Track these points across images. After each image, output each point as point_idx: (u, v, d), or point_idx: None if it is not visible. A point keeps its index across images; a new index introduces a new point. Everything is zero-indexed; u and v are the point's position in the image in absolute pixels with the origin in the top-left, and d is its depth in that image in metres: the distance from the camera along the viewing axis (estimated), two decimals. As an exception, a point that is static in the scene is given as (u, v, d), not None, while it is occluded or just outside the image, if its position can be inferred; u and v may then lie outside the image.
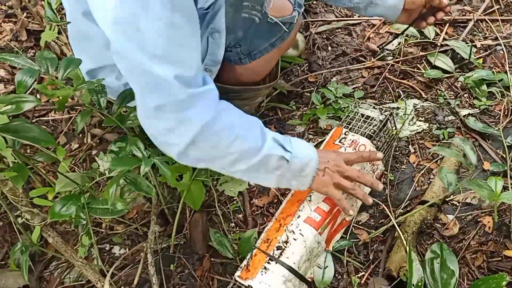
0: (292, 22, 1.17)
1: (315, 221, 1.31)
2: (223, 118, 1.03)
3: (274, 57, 1.27)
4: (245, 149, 1.08)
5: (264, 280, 1.22)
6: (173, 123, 0.99)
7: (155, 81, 0.94)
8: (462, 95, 1.73)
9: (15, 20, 2.05)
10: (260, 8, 1.11)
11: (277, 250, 1.27)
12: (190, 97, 0.96)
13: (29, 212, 1.16)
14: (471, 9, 1.98)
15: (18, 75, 1.09)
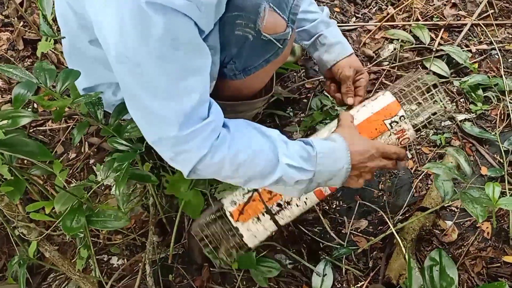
0: (286, 38, 1.17)
1: (323, 194, 1.29)
2: (225, 148, 1.04)
3: (269, 72, 1.27)
4: (252, 175, 1.09)
5: (253, 230, 1.26)
6: (172, 154, 1.03)
7: (154, 117, 0.98)
8: (458, 100, 1.74)
9: (12, 29, 2.04)
10: (254, 25, 1.10)
11: (276, 206, 1.27)
12: (185, 134, 0.99)
13: (25, 227, 1.15)
14: (465, 14, 1.98)
15: (15, 90, 1.09)
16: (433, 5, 2.04)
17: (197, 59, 0.99)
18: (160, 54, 0.92)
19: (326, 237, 1.47)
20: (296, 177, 1.10)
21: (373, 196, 1.54)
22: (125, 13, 0.88)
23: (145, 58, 0.92)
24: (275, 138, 1.11)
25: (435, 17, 1.99)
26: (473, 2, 2.02)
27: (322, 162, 1.12)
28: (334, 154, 1.14)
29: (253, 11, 1.10)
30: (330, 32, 1.46)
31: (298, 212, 1.30)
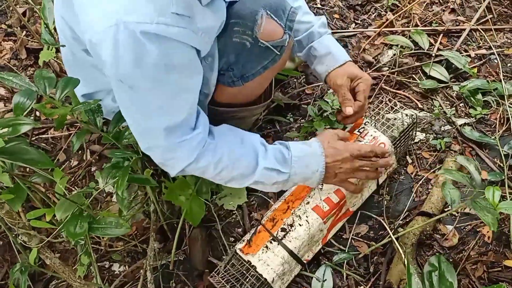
0: (283, 45, 1.18)
1: (323, 211, 1.35)
2: (209, 155, 1.14)
3: (267, 78, 1.28)
4: (233, 176, 1.20)
5: (264, 259, 1.28)
6: (161, 160, 1.15)
7: (145, 128, 1.09)
8: (458, 104, 1.74)
9: (15, 38, 2.06)
10: (251, 32, 1.12)
11: (281, 232, 1.32)
12: (175, 145, 1.09)
13: (26, 235, 1.16)
14: (464, 19, 1.99)
15: (15, 98, 1.10)
16: (432, 11, 2.05)
17: (190, 79, 1.04)
18: (153, 78, 0.97)
19: (327, 242, 1.47)
20: (273, 178, 1.22)
21: (373, 201, 1.54)
22: (120, 40, 0.91)
23: (138, 81, 0.98)
24: (255, 143, 1.21)
25: (434, 23, 2.00)
26: (472, 8, 2.03)
27: (296, 165, 1.22)
28: (308, 158, 1.24)
29: (250, 18, 1.12)
30: (320, 43, 1.45)
31: (303, 231, 1.32)
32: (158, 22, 0.91)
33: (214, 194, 1.59)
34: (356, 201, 1.46)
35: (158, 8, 0.91)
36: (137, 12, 0.90)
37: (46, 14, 1.39)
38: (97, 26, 0.92)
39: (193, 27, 0.98)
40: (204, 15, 1.00)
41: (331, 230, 1.43)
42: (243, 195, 1.59)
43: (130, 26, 0.89)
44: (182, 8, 0.94)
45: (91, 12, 0.94)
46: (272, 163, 1.20)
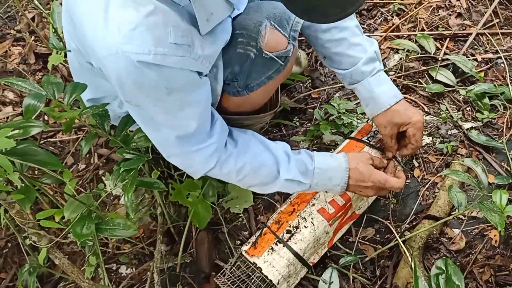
0: (288, 55, 1.19)
1: (328, 213, 1.36)
2: (231, 163, 1.18)
3: (271, 88, 1.28)
4: (254, 184, 1.25)
5: (269, 260, 1.29)
6: (182, 167, 1.20)
7: (159, 140, 1.13)
8: (464, 108, 1.74)
9: (24, 43, 2.09)
10: (255, 43, 1.13)
11: (286, 234, 1.33)
12: (190, 153, 1.13)
13: (36, 234, 1.17)
14: (471, 23, 1.99)
15: (25, 101, 1.12)
16: (438, 15, 2.05)
17: (193, 93, 1.07)
18: (155, 98, 1.02)
19: (334, 245, 1.47)
20: (293, 188, 1.26)
21: (379, 204, 1.54)
22: (121, 67, 0.94)
23: (143, 101, 1.03)
24: (278, 153, 1.24)
25: (440, 27, 2.00)
26: (478, 12, 2.03)
27: (317, 177, 1.25)
28: (331, 172, 1.27)
29: (254, 29, 1.12)
30: (362, 85, 1.36)
31: (308, 233, 1.33)
32: (156, 53, 0.93)
33: (220, 197, 1.59)
34: (362, 203, 1.46)
35: (156, 38, 0.93)
36: (135, 43, 0.91)
37: (54, 19, 1.41)
38: (99, 53, 0.95)
39: (193, 55, 1.00)
40: (203, 44, 1.02)
41: (337, 233, 1.43)
42: (250, 199, 1.60)
43: (129, 56, 0.92)
44: (180, 38, 0.96)
45: (93, 37, 0.96)
46: (294, 175, 1.23)
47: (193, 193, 1.43)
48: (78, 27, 1.01)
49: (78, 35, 1.03)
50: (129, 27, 0.91)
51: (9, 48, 2.07)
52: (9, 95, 1.92)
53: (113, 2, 0.91)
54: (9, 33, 2.12)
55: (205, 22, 0.99)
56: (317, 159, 1.26)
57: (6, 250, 1.60)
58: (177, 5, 0.95)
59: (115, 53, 0.92)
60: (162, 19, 0.93)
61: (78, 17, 1.00)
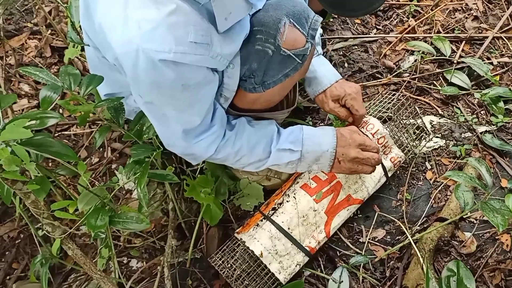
0: (305, 53, 1.19)
1: (310, 187, 1.42)
2: (229, 147, 1.23)
3: (287, 86, 1.29)
4: (251, 162, 1.29)
5: (253, 235, 1.36)
6: (182, 155, 1.25)
7: (164, 131, 1.17)
8: (479, 112, 1.73)
9: (40, 37, 2.10)
10: (273, 41, 1.13)
11: (271, 211, 1.40)
12: (193, 144, 1.17)
13: (50, 225, 1.19)
14: (487, 26, 1.98)
15: (42, 92, 1.13)
16: (455, 18, 2.04)
17: (203, 89, 1.09)
18: (169, 95, 1.04)
19: (344, 245, 1.47)
20: (286, 158, 1.29)
21: (391, 205, 1.54)
22: (140, 64, 0.95)
23: (156, 98, 1.06)
24: (270, 129, 1.30)
25: (456, 30, 1.99)
26: (495, 15, 2.02)
27: (307, 142, 1.29)
28: (319, 138, 1.31)
29: (273, 26, 1.12)
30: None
31: (290, 206, 1.38)
32: (176, 51, 0.94)
33: (232, 194, 1.60)
34: (358, 187, 1.46)
35: (177, 37, 0.94)
36: (156, 41, 0.93)
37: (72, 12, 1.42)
38: (118, 49, 0.96)
39: (211, 53, 1.02)
40: (221, 42, 1.03)
41: (333, 218, 1.42)
42: (260, 196, 1.60)
43: (149, 53, 0.93)
44: (200, 36, 0.97)
45: (111, 35, 0.97)
46: (284, 144, 1.27)
47: (205, 190, 1.44)
48: (96, 23, 1.02)
49: (96, 30, 1.04)
50: (150, 25, 0.92)
51: (26, 41, 2.09)
52: (25, 88, 1.94)
53: (132, 1, 0.93)
54: (26, 26, 2.14)
55: (223, 21, 1.00)
56: (306, 128, 1.32)
57: (19, 240, 1.61)
58: (198, 3, 0.96)
59: (135, 50, 0.93)
60: (183, 18, 0.94)
61: (96, 13, 1.01)
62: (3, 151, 0.93)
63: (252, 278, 1.35)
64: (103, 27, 0.99)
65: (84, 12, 1.14)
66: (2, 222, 1.65)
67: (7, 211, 1.66)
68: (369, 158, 1.31)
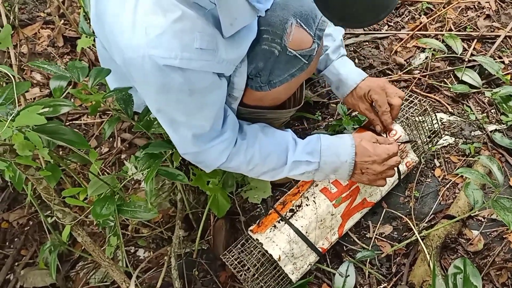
0: (312, 54, 1.19)
1: (330, 192, 1.39)
2: (241, 155, 1.22)
3: (294, 85, 1.29)
4: (265, 171, 1.27)
5: (270, 236, 1.34)
6: (195, 162, 1.24)
7: (176, 138, 1.16)
8: (489, 110, 1.73)
9: (53, 27, 2.12)
10: (280, 41, 1.13)
11: (289, 212, 1.38)
12: (204, 150, 1.17)
13: (60, 211, 1.20)
14: (499, 25, 1.97)
15: (51, 82, 1.15)
16: (467, 16, 2.04)
17: (212, 94, 1.09)
18: (177, 100, 1.04)
19: (350, 240, 1.48)
20: (302, 169, 1.27)
21: (399, 202, 1.54)
22: (147, 69, 0.96)
23: (164, 104, 1.06)
24: (286, 139, 1.27)
25: (468, 28, 1.98)
26: (508, 14, 2.01)
27: (325, 154, 1.26)
28: (337, 148, 1.28)
29: (280, 26, 1.12)
30: (329, 71, 1.46)
31: (310, 211, 1.36)
32: (182, 58, 0.95)
33: (239, 187, 1.61)
34: (373, 191, 1.46)
35: (183, 44, 0.94)
36: (162, 47, 0.93)
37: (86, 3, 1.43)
38: (126, 54, 0.97)
39: (217, 58, 1.02)
40: (226, 48, 1.03)
41: (347, 220, 1.43)
42: (268, 189, 1.61)
43: (155, 60, 0.93)
44: (206, 42, 0.97)
45: (119, 39, 0.97)
46: (301, 156, 1.25)
47: (213, 180, 1.45)
48: (106, 26, 1.02)
49: (105, 32, 1.05)
50: (156, 31, 0.92)
51: (39, 31, 2.10)
52: (37, 77, 1.96)
53: (141, 7, 0.93)
54: (39, 16, 2.16)
55: (229, 26, 1.00)
56: (323, 138, 1.29)
57: (28, 227, 1.63)
58: (204, 9, 0.97)
59: (141, 55, 0.94)
60: (188, 25, 0.94)
61: (106, 17, 1.01)
62: (17, 136, 0.95)
63: (263, 277, 1.35)
64: (112, 30, 0.99)
65: (94, 13, 1.14)
66: (12, 209, 1.67)
67: (17, 198, 1.69)
68: (392, 165, 1.30)
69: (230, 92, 1.22)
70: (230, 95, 1.22)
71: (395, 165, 1.30)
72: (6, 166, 1.00)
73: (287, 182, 1.62)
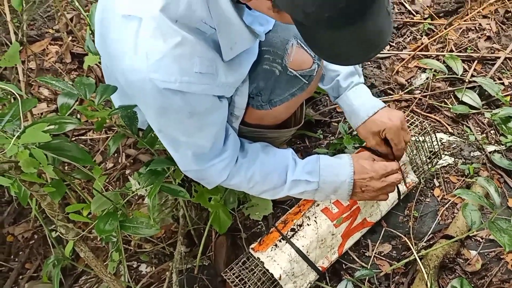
0: (312, 74, 1.22)
1: (332, 212, 1.41)
2: (242, 174, 1.23)
3: (294, 104, 1.31)
4: (265, 190, 1.28)
5: (272, 255, 1.36)
6: (196, 180, 1.26)
7: (179, 157, 1.18)
8: (488, 131, 1.75)
9: (61, 43, 2.17)
10: (281, 61, 1.16)
11: (290, 231, 1.39)
12: (205, 168, 1.19)
13: (64, 227, 1.22)
14: (500, 47, 2.00)
15: (59, 99, 1.18)
16: (468, 37, 2.06)
17: (212, 115, 1.11)
18: (177, 120, 1.06)
19: (350, 258, 1.49)
20: (302, 188, 1.28)
21: (398, 221, 1.56)
22: (147, 92, 0.99)
23: (164, 124, 1.10)
24: (286, 158, 1.28)
25: (469, 49, 2.01)
26: (508, 36, 2.03)
27: (324, 173, 1.27)
28: (336, 168, 1.29)
29: (280, 47, 1.16)
30: (342, 101, 1.42)
31: (311, 231, 1.38)
32: (181, 82, 0.97)
33: (241, 204, 1.63)
34: (373, 210, 1.48)
35: (182, 68, 0.96)
36: (162, 71, 0.95)
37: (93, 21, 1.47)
38: (128, 76, 1.00)
39: (216, 82, 1.04)
40: (226, 71, 1.05)
41: (347, 240, 1.44)
42: (269, 206, 1.63)
43: (156, 83, 0.96)
44: (206, 67, 0.99)
45: (122, 61, 1.00)
46: (300, 175, 1.26)
47: (215, 197, 1.47)
48: (109, 47, 1.05)
49: (109, 52, 1.08)
50: (157, 56, 0.94)
51: (47, 47, 2.15)
52: (44, 92, 2.00)
53: (142, 31, 0.95)
54: (47, 32, 2.21)
55: (229, 50, 1.03)
56: (322, 158, 1.30)
57: (33, 241, 1.66)
58: (204, 34, 0.99)
59: (142, 79, 0.96)
60: (188, 49, 0.96)
61: (109, 38, 1.04)
62: (22, 153, 0.97)
63: None
64: (114, 52, 1.02)
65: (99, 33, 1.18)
66: (17, 223, 1.70)
67: (22, 213, 1.71)
68: (393, 182, 1.30)
69: (231, 111, 1.24)
70: (232, 113, 1.25)
71: (395, 182, 1.31)
72: (11, 183, 1.03)
73: (288, 200, 1.64)
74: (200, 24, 0.96)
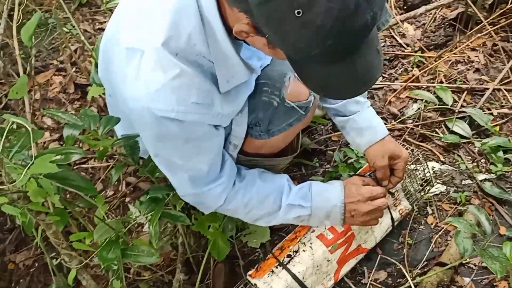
0: (308, 106, 1.28)
1: (327, 239, 1.43)
2: (239, 198, 1.28)
3: (291, 134, 1.37)
4: (260, 215, 1.33)
5: (268, 282, 1.38)
6: (194, 204, 1.31)
7: (176, 181, 1.23)
8: (479, 160, 1.79)
9: (65, 74, 2.23)
10: (279, 93, 1.23)
11: (286, 258, 1.42)
12: (202, 192, 1.23)
13: (68, 255, 1.25)
14: (488, 79, 2.06)
15: (65, 130, 1.23)
16: (457, 69, 2.13)
17: (208, 142, 1.16)
18: (174, 146, 1.12)
19: (346, 286, 1.52)
20: (296, 213, 1.32)
21: (393, 248, 1.59)
22: (146, 119, 1.04)
23: (161, 149, 1.15)
24: (281, 183, 1.33)
25: (458, 81, 2.07)
26: (496, 68, 2.10)
27: (316, 199, 1.32)
28: (328, 193, 1.34)
29: (278, 80, 1.22)
30: (360, 116, 1.45)
31: (306, 257, 1.40)
32: (178, 111, 1.02)
33: (239, 231, 1.66)
34: (368, 237, 1.51)
35: (179, 98, 1.02)
36: (160, 101, 1.01)
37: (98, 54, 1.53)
38: (129, 104, 1.05)
39: (212, 112, 1.09)
40: (222, 103, 1.11)
41: (343, 266, 1.47)
42: (267, 234, 1.66)
43: (154, 111, 1.02)
44: (202, 98, 1.05)
45: (124, 90, 1.06)
46: (294, 199, 1.31)
47: (214, 225, 1.50)
48: (112, 76, 1.12)
49: (112, 81, 1.14)
50: (155, 86, 1.00)
51: (51, 77, 2.21)
52: (48, 121, 2.05)
53: (144, 63, 1.00)
54: (52, 63, 2.27)
55: (225, 83, 1.08)
56: (314, 184, 1.36)
57: (33, 269, 1.68)
58: (202, 66, 1.04)
59: (141, 107, 1.02)
60: (186, 81, 1.01)
61: (113, 67, 1.10)
62: (31, 183, 1.01)
63: None
64: (118, 81, 1.08)
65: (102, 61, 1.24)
66: (19, 250, 1.72)
67: (24, 240, 1.74)
68: (380, 206, 1.34)
69: (231, 141, 1.29)
70: (231, 143, 1.30)
71: (382, 207, 1.35)
72: (20, 212, 1.06)
73: (285, 227, 1.67)
74: (199, 58, 1.02)
